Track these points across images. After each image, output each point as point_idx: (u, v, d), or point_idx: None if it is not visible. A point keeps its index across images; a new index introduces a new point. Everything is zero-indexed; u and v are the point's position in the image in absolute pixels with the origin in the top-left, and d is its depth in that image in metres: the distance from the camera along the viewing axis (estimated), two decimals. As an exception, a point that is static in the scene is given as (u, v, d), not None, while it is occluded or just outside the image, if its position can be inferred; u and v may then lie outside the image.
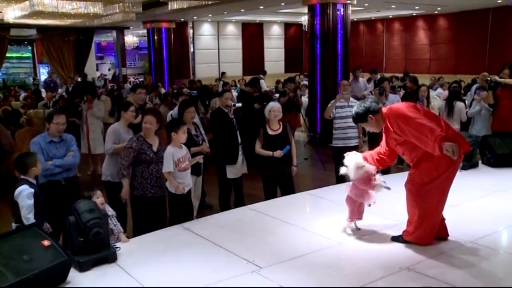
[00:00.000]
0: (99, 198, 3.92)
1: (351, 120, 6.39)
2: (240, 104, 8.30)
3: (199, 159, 4.67)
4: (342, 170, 3.99)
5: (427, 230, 3.66)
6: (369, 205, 4.00)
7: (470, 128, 7.45)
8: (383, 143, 3.94)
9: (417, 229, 3.67)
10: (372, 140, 6.78)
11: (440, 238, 3.76)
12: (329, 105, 6.61)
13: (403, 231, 3.79)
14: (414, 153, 3.65)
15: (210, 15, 17.50)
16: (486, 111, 7.32)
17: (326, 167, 8.39)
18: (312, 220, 4.36)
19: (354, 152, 4.08)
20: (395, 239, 3.81)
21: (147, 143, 4.61)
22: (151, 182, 4.58)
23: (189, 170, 4.62)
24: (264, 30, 21.60)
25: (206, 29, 20.03)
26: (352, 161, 3.93)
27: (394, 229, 3.98)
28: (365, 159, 3.96)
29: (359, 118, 3.84)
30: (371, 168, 3.90)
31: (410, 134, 3.51)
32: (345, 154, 4.07)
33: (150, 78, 16.38)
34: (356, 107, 3.92)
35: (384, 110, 3.75)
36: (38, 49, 22.47)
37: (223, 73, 18.07)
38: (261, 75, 15.30)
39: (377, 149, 4.01)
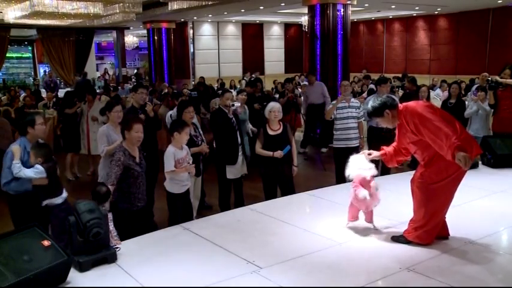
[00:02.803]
0: None
1: (351, 120, 6.43)
2: (238, 104, 8.28)
3: (193, 170, 4.67)
4: (350, 172, 3.99)
5: (429, 229, 3.66)
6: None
7: (468, 128, 7.44)
8: (397, 139, 3.93)
9: (420, 228, 3.67)
10: (372, 140, 6.78)
11: (441, 237, 3.76)
12: (330, 106, 6.61)
13: (405, 230, 3.79)
14: (426, 153, 3.64)
15: (210, 16, 17.49)
16: (483, 112, 7.31)
17: (326, 167, 8.39)
18: (312, 220, 4.35)
19: (367, 152, 4.08)
20: (395, 238, 3.81)
21: (131, 155, 4.30)
22: (138, 195, 4.33)
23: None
24: (264, 31, 21.58)
25: (206, 29, 20.02)
26: (363, 162, 3.94)
27: (394, 229, 3.98)
28: (384, 155, 3.96)
29: (375, 112, 3.79)
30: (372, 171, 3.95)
31: (426, 135, 3.50)
32: (351, 157, 4.06)
33: (160, 82, 16.26)
34: (372, 101, 3.89)
35: (400, 106, 3.73)
36: (38, 49, 22.50)
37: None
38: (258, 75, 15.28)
39: (393, 144, 3.99)
